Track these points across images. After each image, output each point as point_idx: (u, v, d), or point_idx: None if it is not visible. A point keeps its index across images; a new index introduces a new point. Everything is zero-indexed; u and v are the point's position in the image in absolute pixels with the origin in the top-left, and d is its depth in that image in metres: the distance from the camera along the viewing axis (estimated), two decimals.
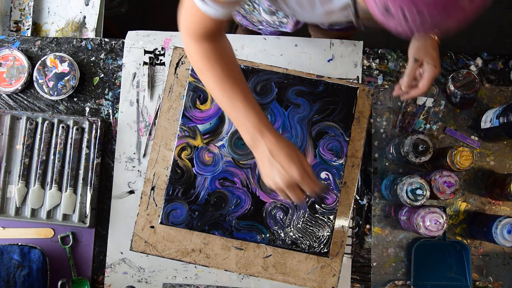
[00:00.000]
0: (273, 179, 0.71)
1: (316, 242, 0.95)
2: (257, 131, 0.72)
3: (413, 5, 0.40)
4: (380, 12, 0.43)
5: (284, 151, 0.70)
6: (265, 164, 0.71)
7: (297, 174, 0.69)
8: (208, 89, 0.78)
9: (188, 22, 0.72)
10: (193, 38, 0.73)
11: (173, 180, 0.97)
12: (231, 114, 0.75)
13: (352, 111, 0.98)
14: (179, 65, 1.02)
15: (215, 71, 0.74)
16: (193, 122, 0.98)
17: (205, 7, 0.65)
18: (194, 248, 0.98)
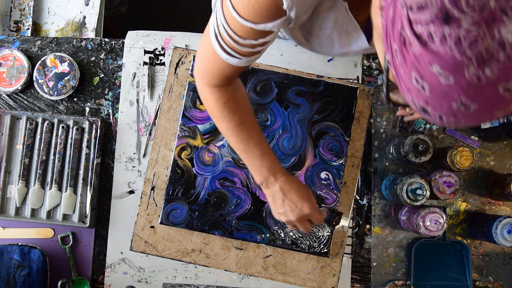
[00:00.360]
0: (286, 215, 0.79)
1: (316, 242, 0.95)
2: (271, 174, 0.79)
3: (452, 116, 0.41)
4: (416, 109, 0.44)
5: (295, 191, 0.79)
6: (277, 202, 0.79)
7: (308, 210, 0.78)
8: (222, 133, 0.79)
9: (206, 70, 0.71)
10: (210, 85, 0.74)
11: (173, 180, 0.97)
12: (245, 157, 0.79)
13: (352, 111, 0.98)
14: (179, 65, 1.02)
15: (233, 118, 0.76)
16: (193, 122, 0.99)
17: (229, 58, 0.64)
18: (194, 248, 0.98)
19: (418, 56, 0.39)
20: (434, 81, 0.39)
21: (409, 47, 0.39)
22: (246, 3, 0.56)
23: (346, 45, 0.70)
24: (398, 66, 0.42)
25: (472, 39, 0.35)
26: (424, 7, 0.36)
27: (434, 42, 0.37)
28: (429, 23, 0.37)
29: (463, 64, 0.36)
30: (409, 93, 0.43)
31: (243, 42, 0.61)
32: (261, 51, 0.66)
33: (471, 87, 0.37)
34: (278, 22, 0.58)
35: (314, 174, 0.97)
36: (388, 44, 0.43)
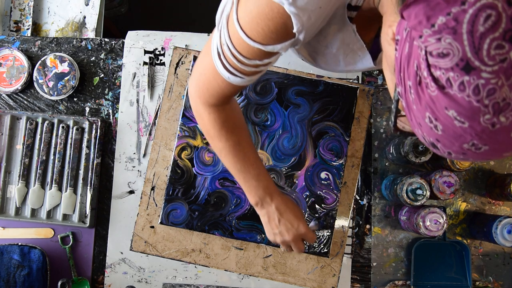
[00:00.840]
0: (282, 235, 0.80)
1: (316, 242, 0.95)
2: (268, 194, 0.79)
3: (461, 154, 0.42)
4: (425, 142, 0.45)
5: (291, 211, 0.80)
6: (273, 222, 0.80)
7: (304, 229, 0.80)
8: (218, 153, 0.78)
9: (204, 89, 0.70)
10: (207, 104, 0.72)
11: (173, 180, 0.97)
12: (241, 178, 0.79)
13: (352, 111, 0.98)
14: (179, 65, 1.02)
15: (230, 138, 0.75)
16: (193, 122, 0.98)
17: (231, 77, 0.63)
18: (194, 248, 0.98)
19: (434, 98, 0.39)
20: (448, 123, 0.40)
21: (425, 88, 0.40)
22: (255, 25, 0.55)
23: (352, 64, 0.70)
24: (411, 102, 0.43)
25: (490, 88, 0.36)
26: (446, 55, 0.37)
27: (452, 88, 0.37)
28: (449, 70, 0.37)
29: (479, 111, 0.37)
30: (420, 128, 0.43)
31: (247, 62, 0.60)
32: (264, 70, 0.65)
33: (485, 132, 0.38)
34: (286, 44, 0.58)
35: (314, 174, 0.97)
36: (402, 78, 0.43)
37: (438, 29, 0.37)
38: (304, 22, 0.54)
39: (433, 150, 0.45)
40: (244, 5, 0.55)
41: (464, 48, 0.36)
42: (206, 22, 1.63)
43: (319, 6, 0.53)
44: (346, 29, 0.62)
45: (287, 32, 0.55)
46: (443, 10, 0.37)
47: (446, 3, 0.37)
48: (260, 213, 0.81)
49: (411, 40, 0.41)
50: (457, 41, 0.36)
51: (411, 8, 0.40)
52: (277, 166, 0.97)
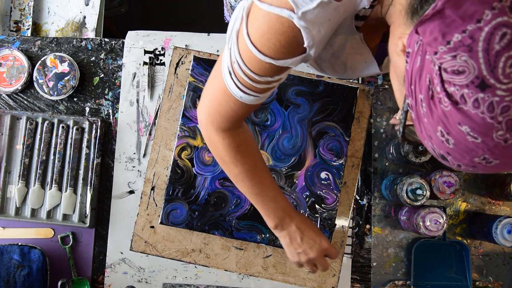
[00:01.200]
0: (306, 253, 0.79)
1: None
2: (287, 215, 0.78)
3: (471, 167, 0.42)
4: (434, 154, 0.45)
5: (311, 227, 0.79)
6: (295, 242, 0.79)
7: (327, 244, 0.79)
8: (233, 179, 0.76)
9: (216, 113, 0.68)
10: (220, 130, 0.70)
11: (173, 180, 0.97)
12: (259, 201, 0.77)
13: (352, 111, 0.98)
14: (179, 65, 1.02)
15: (246, 162, 0.74)
16: (193, 122, 0.98)
17: (244, 96, 0.62)
18: (194, 248, 0.98)
19: (447, 113, 0.40)
20: (460, 138, 0.40)
21: (438, 102, 0.40)
22: (266, 41, 0.55)
23: (359, 70, 0.70)
24: (422, 115, 0.43)
25: (504, 106, 0.36)
26: (461, 72, 0.37)
27: (467, 104, 0.38)
28: (463, 87, 0.38)
29: (492, 127, 0.38)
30: (430, 140, 0.44)
31: (259, 79, 0.59)
32: (275, 86, 0.64)
33: (497, 147, 0.39)
34: (297, 59, 0.57)
35: (314, 174, 0.97)
36: (413, 91, 0.44)
37: (453, 46, 0.37)
38: (314, 36, 0.54)
39: (442, 162, 0.45)
40: (254, 21, 0.55)
41: (479, 66, 0.36)
42: (206, 22, 1.63)
43: (328, 19, 0.53)
44: (352, 38, 0.62)
45: (298, 46, 0.55)
46: (458, 28, 0.37)
47: (462, 20, 0.37)
48: (280, 235, 0.80)
49: (423, 53, 0.41)
50: (473, 59, 0.36)
51: (426, 24, 0.40)
52: (277, 166, 0.97)
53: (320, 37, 0.55)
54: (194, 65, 1.00)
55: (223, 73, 0.62)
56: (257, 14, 0.54)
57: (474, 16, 0.36)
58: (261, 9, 0.53)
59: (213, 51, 1.08)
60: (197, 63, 1.00)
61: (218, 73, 0.64)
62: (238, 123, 0.71)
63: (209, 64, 1.00)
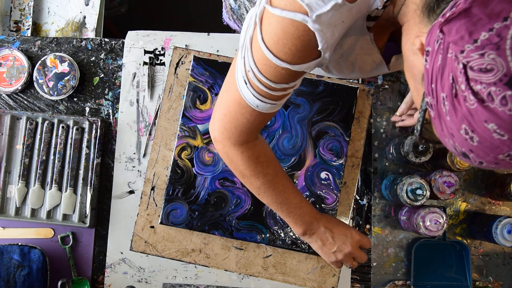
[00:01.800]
0: (341, 250, 0.78)
1: None
2: (314, 218, 0.78)
3: (494, 164, 0.42)
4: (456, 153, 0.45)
5: (337, 223, 0.79)
6: (328, 242, 0.79)
7: (358, 235, 0.79)
8: (255, 192, 0.75)
9: (233, 127, 0.67)
10: (238, 144, 0.70)
11: (173, 180, 0.97)
12: (284, 210, 0.77)
13: (352, 111, 0.98)
14: (179, 65, 1.02)
15: (268, 172, 0.73)
16: (193, 122, 0.99)
17: (260, 104, 0.61)
18: (194, 248, 0.98)
19: (472, 111, 0.39)
20: (486, 136, 0.40)
21: (462, 100, 0.40)
22: (281, 46, 0.54)
23: (367, 71, 0.70)
24: (444, 113, 0.42)
25: None
26: (489, 71, 0.37)
27: (494, 102, 0.38)
28: (491, 85, 0.37)
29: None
30: (452, 138, 0.43)
31: (275, 87, 0.59)
32: (291, 92, 0.64)
33: None
34: (312, 63, 0.57)
35: (314, 174, 0.97)
36: (433, 90, 0.43)
37: (481, 45, 0.37)
38: (328, 38, 0.54)
39: (463, 159, 0.45)
40: (268, 27, 0.54)
41: (508, 63, 0.36)
42: (206, 22, 1.63)
43: (342, 21, 0.53)
44: (363, 38, 0.62)
45: (314, 50, 0.55)
46: (485, 26, 0.37)
47: (488, 18, 0.37)
48: (310, 240, 0.79)
49: (444, 52, 0.41)
50: (501, 56, 0.36)
51: (452, 23, 0.40)
52: None
53: (334, 39, 0.55)
54: (194, 65, 1.00)
55: (237, 83, 0.61)
56: (270, 20, 0.54)
57: (501, 14, 0.36)
58: (274, 15, 0.53)
59: (213, 51, 1.08)
60: (197, 63, 1.00)
61: (230, 86, 0.63)
62: (255, 135, 0.71)
63: (209, 64, 1.00)
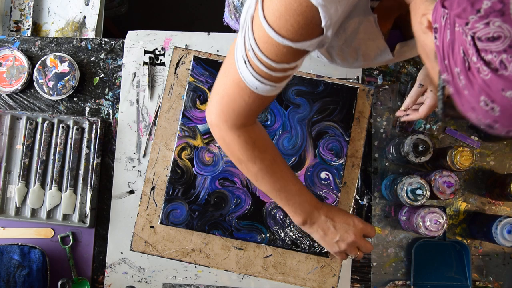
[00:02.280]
0: (343, 239, 0.76)
1: (316, 242, 0.95)
2: (314, 207, 0.76)
3: None
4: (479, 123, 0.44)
5: (339, 212, 0.77)
6: (329, 231, 0.76)
7: (361, 223, 0.76)
8: (253, 178, 0.73)
9: (230, 109, 0.66)
10: (235, 127, 0.68)
11: (173, 180, 0.97)
12: (283, 198, 0.75)
13: (352, 111, 0.98)
14: (179, 65, 1.02)
15: (265, 157, 0.71)
16: (193, 122, 0.99)
17: (259, 86, 0.60)
18: (194, 248, 0.98)
19: (487, 81, 0.39)
20: (506, 104, 0.39)
21: (476, 72, 0.40)
22: (283, 22, 0.54)
23: (370, 58, 0.69)
24: (461, 88, 0.42)
25: None
26: (497, 38, 0.37)
27: (507, 69, 0.37)
28: (501, 52, 0.37)
29: None
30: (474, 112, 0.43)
31: (275, 66, 0.58)
32: (291, 75, 0.63)
33: None
34: (314, 41, 0.56)
35: (314, 174, 0.97)
36: (447, 66, 0.43)
37: (484, 14, 0.37)
38: (332, 15, 0.53)
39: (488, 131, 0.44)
40: (270, 3, 0.54)
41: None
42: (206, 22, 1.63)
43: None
44: (366, 21, 0.61)
45: (316, 27, 0.54)
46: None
47: None
48: (311, 230, 0.77)
49: (452, 26, 0.41)
50: (507, 22, 0.36)
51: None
52: None
53: (337, 16, 0.54)
54: (194, 65, 1.00)
55: (237, 63, 0.60)
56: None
57: None
58: None
59: (213, 51, 1.08)
60: (197, 63, 1.00)
61: (229, 68, 0.62)
62: (253, 119, 0.69)
63: (209, 64, 1.00)
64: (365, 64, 0.72)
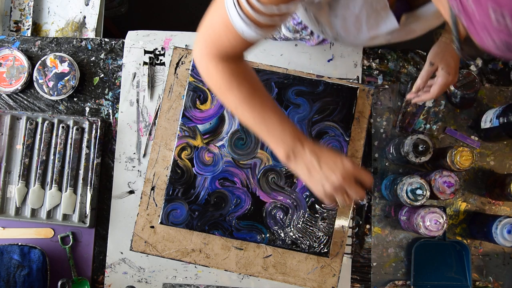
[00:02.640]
0: (328, 178, 0.68)
1: (316, 242, 0.95)
2: (298, 141, 0.70)
3: None
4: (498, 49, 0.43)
5: (327, 150, 0.70)
6: (314, 169, 0.69)
7: (350, 164, 0.68)
8: (232, 108, 0.70)
9: (212, 44, 0.65)
10: (216, 58, 0.67)
11: (173, 180, 0.97)
12: (263, 130, 0.70)
13: (352, 111, 0.98)
14: (179, 65, 1.02)
15: (243, 88, 0.69)
16: (193, 122, 0.98)
17: (246, 30, 0.60)
18: (194, 248, 0.98)
19: None
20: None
21: None
22: None
23: (374, 27, 0.67)
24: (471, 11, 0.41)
25: None
26: None
27: None
28: None
29: None
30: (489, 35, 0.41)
31: (263, 10, 0.57)
32: (279, 24, 0.61)
33: None
34: None
35: None
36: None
37: None
38: None
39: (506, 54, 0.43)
40: None
41: None
42: None
43: None
44: None
45: None
46: None
47: None
48: (295, 166, 0.71)
49: None
50: None
51: None
52: (277, 166, 0.97)
53: None
54: (194, 65, 1.00)
55: (226, 4, 0.60)
56: None
57: None
58: None
59: None
60: None
61: (219, 5, 0.62)
62: (236, 58, 0.68)
63: None
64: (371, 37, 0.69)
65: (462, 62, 1.11)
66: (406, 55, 1.11)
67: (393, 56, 1.11)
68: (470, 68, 1.10)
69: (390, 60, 1.11)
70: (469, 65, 1.11)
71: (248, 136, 0.97)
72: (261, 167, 0.96)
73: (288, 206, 0.95)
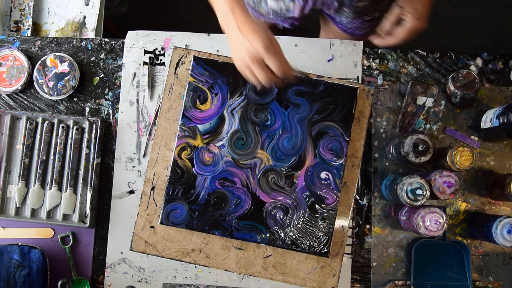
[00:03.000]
0: (239, 53, 0.71)
1: (316, 242, 0.95)
2: (230, 8, 0.71)
3: None
4: None
5: (251, 25, 0.70)
6: (233, 41, 0.72)
7: (262, 46, 0.69)
8: None
9: None
10: None
11: (173, 180, 0.97)
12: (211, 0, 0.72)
13: (352, 111, 0.98)
14: (179, 65, 1.02)
15: None
16: (193, 122, 0.99)
17: None
18: (194, 248, 0.98)
19: None
20: None
21: None
22: None
23: None
24: None
25: None
26: None
27: None
28: None
29: None
30: None
31: None
32: None
33: None
34: None
35: (314, 174, 0.97)
36: None
37: None
38: None
39: None
40: None
41: None
42: (206, 22, 1.63)
43: None
44: None
45: None
46: None
47: None
48: (227, 36, 0.73)
49: None
50: None
51: None
52: (277, 166, 0.97)
53: None
54: (194, 65, 1.00)
55: None
56: None
57: None
58: None
59: (213, 51, 1.08)
60: (197, 63, 1.00)
61: None
62: None
63: (209, 64, 1.00)
64: None
65: (462, 62, 1.11)
66: (406, 55, 1.11)
67: (393, 56, 1.11)
68: (470, 68, 1.10)
69: (390, 60, 1.11)
70: (469, 65, 1.11)
71: (248, 136, 0.97)
72: (261, 167, 0.96)
73: (288, 206, 0.95)
